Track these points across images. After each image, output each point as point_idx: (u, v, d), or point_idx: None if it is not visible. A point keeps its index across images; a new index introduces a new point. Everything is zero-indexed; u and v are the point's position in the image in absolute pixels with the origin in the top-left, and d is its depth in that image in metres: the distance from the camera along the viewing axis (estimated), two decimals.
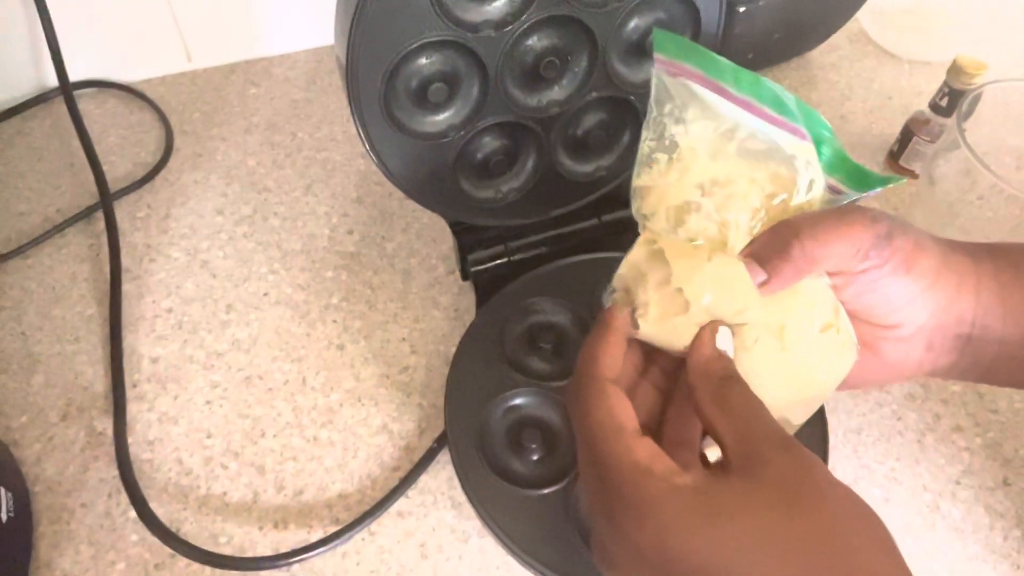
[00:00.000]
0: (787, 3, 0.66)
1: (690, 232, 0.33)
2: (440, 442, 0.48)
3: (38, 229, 0.61)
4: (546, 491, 0.43)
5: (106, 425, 0.50)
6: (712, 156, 0.33)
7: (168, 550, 0.44)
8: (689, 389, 0.32)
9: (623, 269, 0.35)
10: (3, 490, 0.43)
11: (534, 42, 0.45)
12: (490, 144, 0.49)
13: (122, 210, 0.62)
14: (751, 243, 0.33)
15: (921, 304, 0.33)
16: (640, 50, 0.47)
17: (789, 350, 0.33)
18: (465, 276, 0.54)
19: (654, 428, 0.34)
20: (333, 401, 0.52)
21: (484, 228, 0.53)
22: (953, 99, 0.59)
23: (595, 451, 0.30)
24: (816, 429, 0.46)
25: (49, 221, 0.62)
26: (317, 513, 0.47)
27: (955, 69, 0.58)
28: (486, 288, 0.53)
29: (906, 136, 0.63)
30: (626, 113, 0.50)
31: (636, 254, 0.34)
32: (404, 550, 0.45)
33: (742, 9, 0.63)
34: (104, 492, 0.47)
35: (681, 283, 0.33)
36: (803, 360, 0.34)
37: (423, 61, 0.43)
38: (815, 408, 0.36)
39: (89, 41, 0.68)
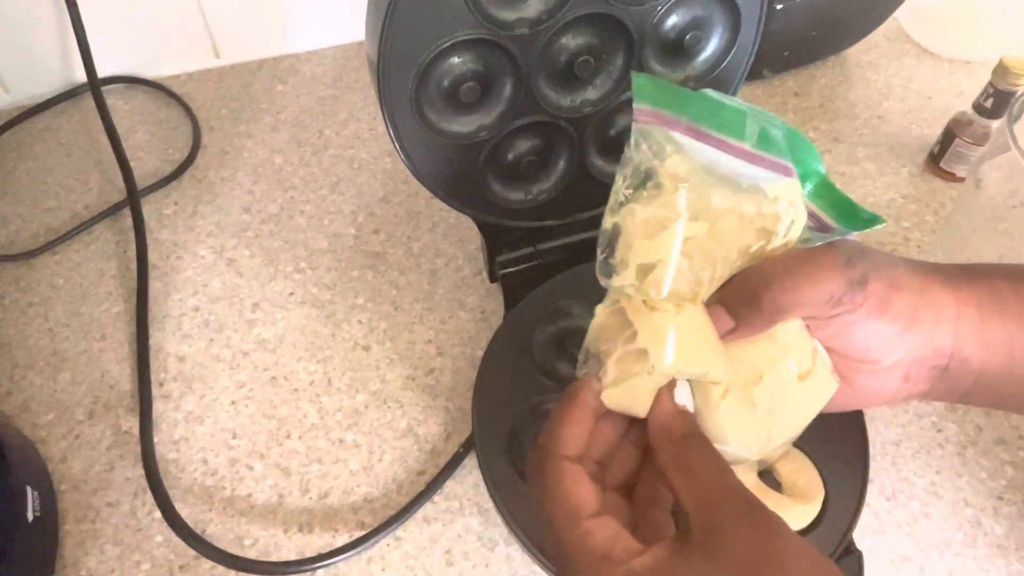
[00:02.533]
0: (825, 1, 0.64)
1: (657, 286, 0.31)
2: (467, 447, 0.48)
3: (66, 225, 0.61)
4: None
5: (132, 424, 0.50)
6: (692, 210, 0.31)
7: (193, 551, 0.44)
8: (652, 450, 0.31)
9: (589, 335, 0.33)
10: (30, 489, 0.43)
11: (568, 40, 0.44)
12: (521, 144, 0.48)
13: (149, 207, 0.62)
14: (719, 289, 0.32)
15: (898, 342, 0.32)
16: (678, 49, 0.46)
17: (765, 400, 0.32)
18: (493, 278, 0.53)
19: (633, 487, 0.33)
20: (358, 403, 0.51)
21: (513, 229, 0.52)
22: (998, 100, 0.57)
23: (554, 536, 0.29)
24: (855, 441, 0.44)
25: (77, 217, 0.62)
26: (342, 517, 0.46)
27: (1001, 69, 0.56)
28: (514, 290, 0.52)
29: (948, 138, 0.61)
30: None
31: (599, 319, 0.33)
32: (429, 557, 0.45)
33: (780, 6, 0.62)
34: (130, 491, 0.47)
35: (645, 342, 0.31)
36: (781, 407, 0.33)
37: (455, 60, 0.42)
38: (792, 439, 0.35)
39: (118, 37, 0.68)
